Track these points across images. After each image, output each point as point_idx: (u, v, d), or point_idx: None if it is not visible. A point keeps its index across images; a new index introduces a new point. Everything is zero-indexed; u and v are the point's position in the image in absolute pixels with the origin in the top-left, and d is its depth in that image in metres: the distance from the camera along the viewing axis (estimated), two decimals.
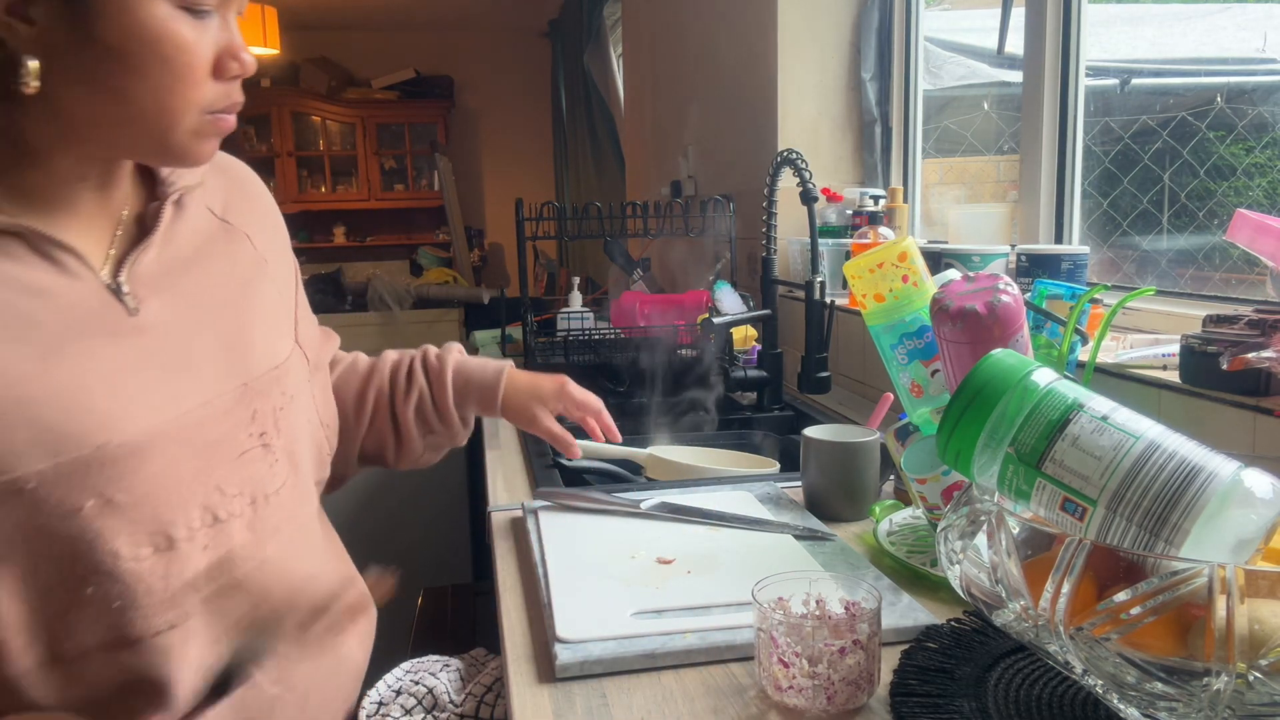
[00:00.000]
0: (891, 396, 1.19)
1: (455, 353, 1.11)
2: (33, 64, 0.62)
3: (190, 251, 0.78)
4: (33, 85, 0.63)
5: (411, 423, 1.07)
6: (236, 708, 0.75)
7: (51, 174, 0.69)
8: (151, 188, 0.78)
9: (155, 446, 0.69)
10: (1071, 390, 0.65)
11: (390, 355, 1.10)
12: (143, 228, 0.75)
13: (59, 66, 0.64)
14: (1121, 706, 0.58)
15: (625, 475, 1.40)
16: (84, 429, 0.65)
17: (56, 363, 0.66)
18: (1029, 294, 1.07)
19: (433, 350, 1.10)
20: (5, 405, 0.63)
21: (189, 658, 0.72)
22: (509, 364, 1.11)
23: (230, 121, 0.72)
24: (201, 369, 0.75)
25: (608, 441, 1.17)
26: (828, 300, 1.53)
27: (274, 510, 0.79)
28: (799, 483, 1.17)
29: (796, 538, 1.00)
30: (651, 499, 1.11)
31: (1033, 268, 1.37)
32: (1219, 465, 0.58)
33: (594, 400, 1.15)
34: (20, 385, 0.64)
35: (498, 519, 1.15)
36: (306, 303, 0.96)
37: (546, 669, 0.77)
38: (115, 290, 0.71)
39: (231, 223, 0.84)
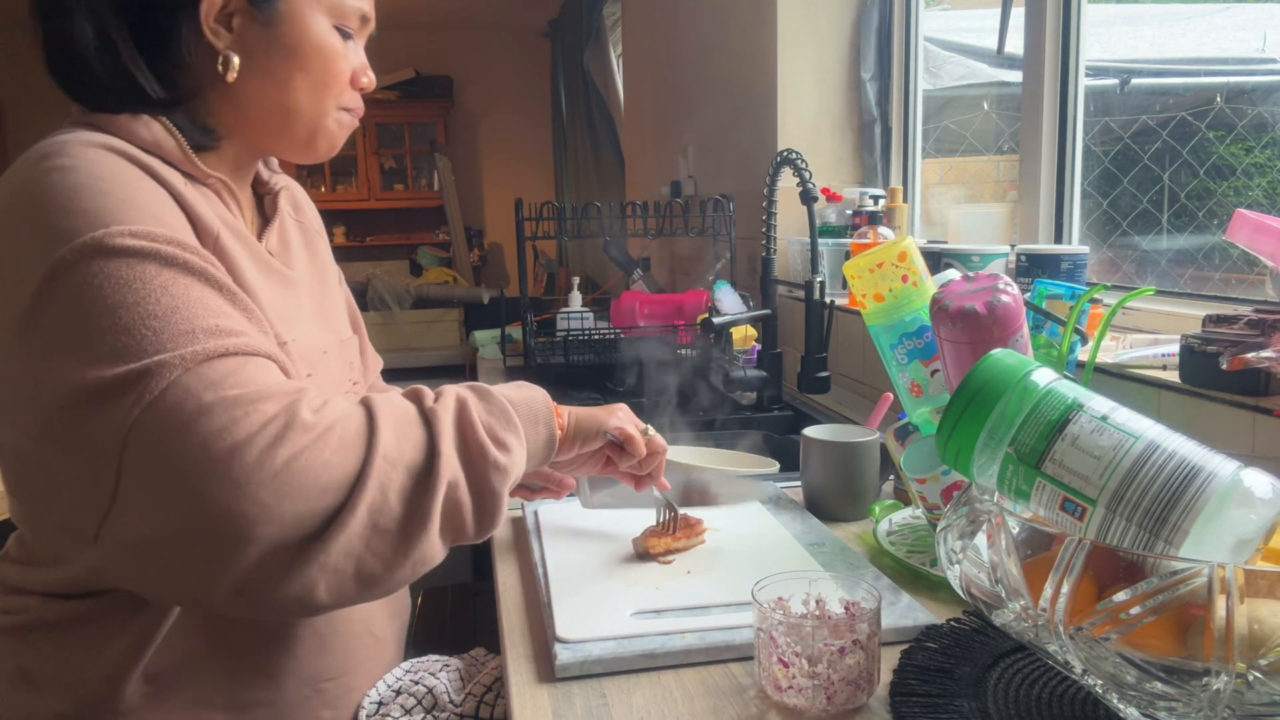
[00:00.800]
0: (891, 396, 1.19)
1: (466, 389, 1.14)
2: (235, 59, 0.81)
3: (290, 236, 0.97)
4: (233, 75, 0.81)
5: None
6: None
7: (222, 159, 0.87)
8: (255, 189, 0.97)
9: (319, 359, 0.90)
10: (1071, 390, 0.65)
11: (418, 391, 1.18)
12: (262, 214, 0.95)
13: (247, 65, 0.82)
14: (1121, 706, 0.58)
15: None
16: (292, 327, 0.86)
17: (266, 275, 0.86)
18: (1029, 294, 1.07)
19: (448, 389, 1.15)
20: (258, 285, 0.82)
21: None
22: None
23: (355, 122, 0.91)
24: (321, 321, 0.95)
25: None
26: (827, 300, 1.53)
27: None
28: (799, 483, 1.17)
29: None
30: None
31: (1032, 267, 1.37)
32: (1218, 465, 0.58)
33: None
34: (259, 281, 0.83)
35: None
36: (357, 313, 1.12)
37: (546, 669, 0.77)
38: (269, 254, 0.89)
39: (304, 223, 1.03)
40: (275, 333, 0.81)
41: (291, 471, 0.62)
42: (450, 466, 0.69)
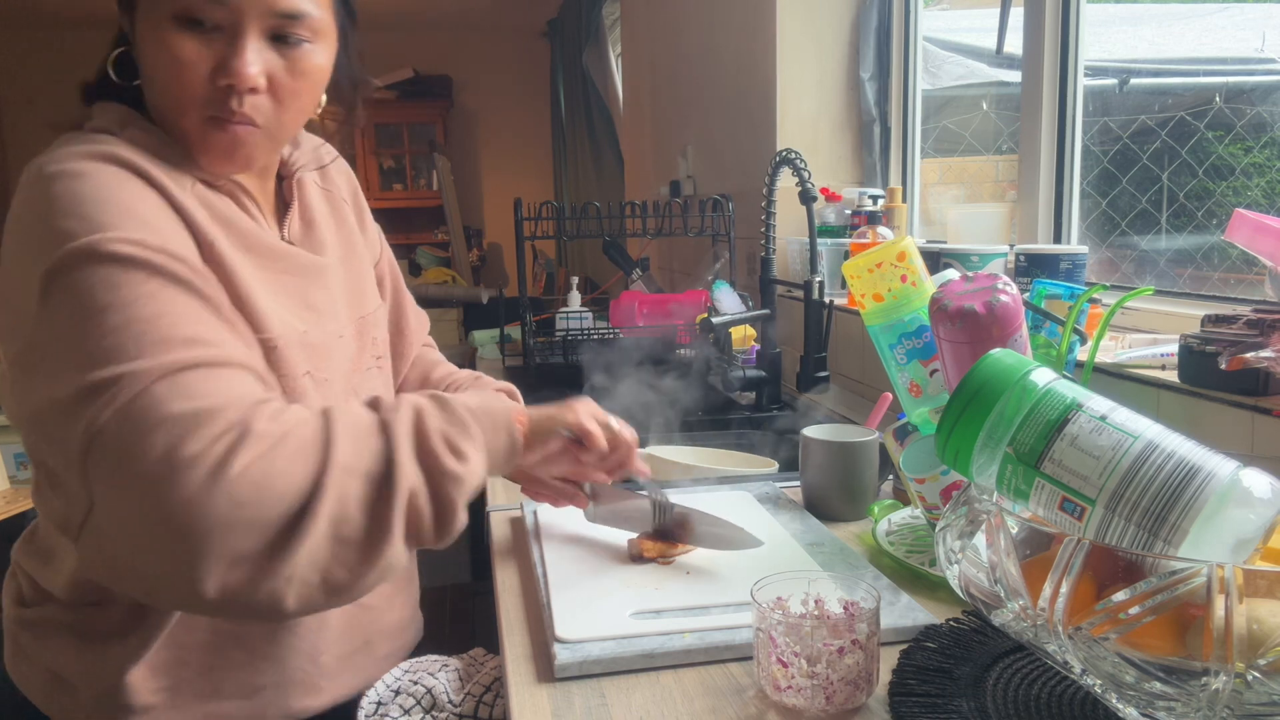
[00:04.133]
0: (890, 396, 1.19)
1: (490, 381, 1.15)
2: (114, 53, 0.83)
3: (315, 214, 0.97)
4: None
5: None
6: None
7: None
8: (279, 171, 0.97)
9: (334, 343, 0.91)
10: (1070, 390, 0.65)
11: (460, 373, 1.19)
12: (281, 199, 0.95)
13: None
14: (1120, 706, 0.58)
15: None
16: (303, 317, 0.87)
17: (278, 272, 0.86)
18: (1028, 294, 1.07)
19: (487, 380, 1.16)
20: (257, 287, 0.82)
21: None
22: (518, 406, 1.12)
23: (237, 128, 0.80)
24: (344, 300, 0.96)
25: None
26: (826, 300, 1.53)
27: None
28: (798, 482, 1.17)
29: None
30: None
31: (1031, 267, 1.37)
32: (1217, 465, 0.58)
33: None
34: (263, 279, 0.84)
35: (497, 519, 1.15)
36: (399, 272, 1.15)
37: (545, 669, 0.77)
38: (289, 243, 0.91)
39: (332, 192, 1.03)
40: (279, 333, 0.83)
41: (247, 479, 0.63)
42: (408, 475, 0.69)
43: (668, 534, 0.98)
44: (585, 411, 0.93)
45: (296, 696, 0.90)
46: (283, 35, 0.79)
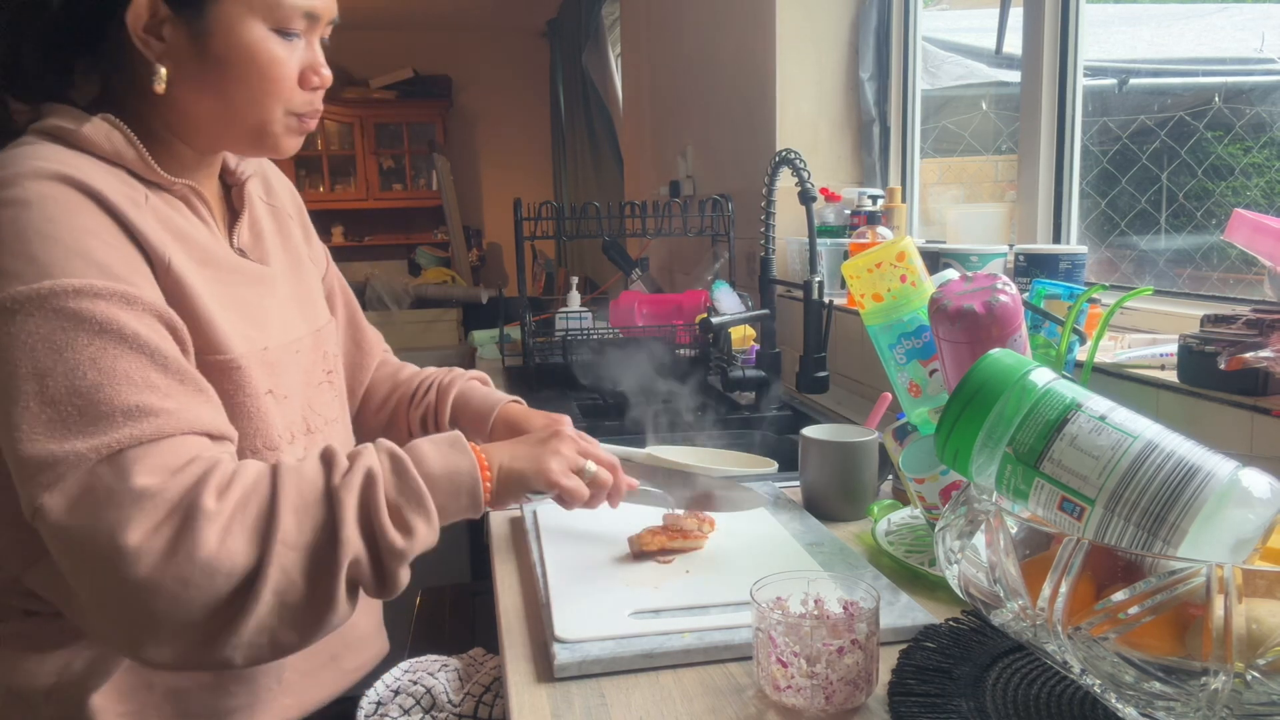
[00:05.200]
0: (890, 396, 1.19)
1: (471, 379, 1.15)
2: (162, 70, 0.80)
3: (262, 225, 0.96)
4: (160, 87, 0.80)
5: (416, 431, 1.13)
6: None
7: (176, 159, 0.85)
8: (223, 179, 0.95)
9: (290, 359, 0.90)
10: (1069, 390, 0.65)
11: (427, 369, 1.19)
12: (230, 206, 0.94)
13: (181, 74, 0.80)
14: (1119, 706, 0.58)
15: None
16: (261, 332, 0.86)
17: (225, 285, 0.84)
18: (1027, 294, 1.07)
19: (459, 371, 1.17)
20: (215, 305, 0.81)
21: None
22: (509, 399, 1.12)
23: (312, 123, 0.88)
24: (295, 312, 0.95)
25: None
26: (826, 300, 1.53)
27: (335, 435, 0.99)
28: (797, 482, 1.17)
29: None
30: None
31: (1031, 267, 1.37)
32: (1217, 465, 0.59)
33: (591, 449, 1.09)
34: (220, 295, 0.82)
35: (496, 519, 1.15)
36: (348, 285, 1.14)
37: (545, 669, 0.77)
38: (240, 252, 0.91)
39: (276, 206, 1.02)
40: (241, 352, 0.82)
41: (194, 561, 0.65)
42: (352, 547, 0.70)
43: (695, 504, 1.03)
44: (559, 467, 0.87)
45: (265, 715, 0.89)
46: (324, 39, 0.88)
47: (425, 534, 0.75)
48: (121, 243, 0.74)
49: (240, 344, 0.82)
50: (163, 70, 0.79)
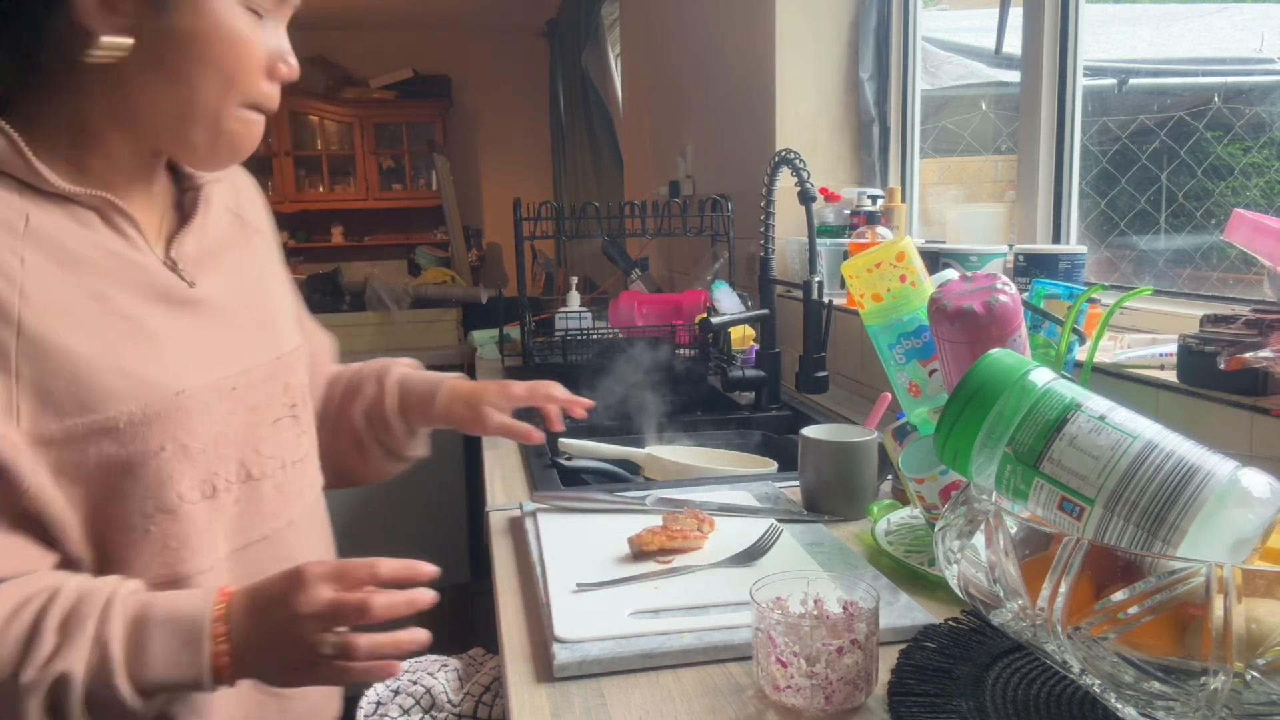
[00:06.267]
0: (889, 396, 1.19)
1: (405, 365, 1.13)
2: (125, 41, 0.69)
3: (219, 239, 0.86)
4: (99, 56, 0.69)
5: (361, 427, 1.08)
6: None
7: (108, 159, 0.75)
8: (179, 183, 0.85)
9: (219, 401, 0.77)
10: (1069, 390, 0.65)
11: (354, 365, 1.13)
12: (180, 214, 0.83)
13: (135, 52, 0.70)
14: (1119, 706, 0.58)
15: (623, 475, 1.40)
16: (163, 378, 0.73)
17: (135, 320, 0.73)
18: (1026, 294, 1.07)
19: (390, 361, 1.13)
20: (94, 351, 0.70)
21: None
22: (453, 375, 1.11)
23: (259, 129, 0.78)
24: (245, 339, 0.83)
25: (568, 418, 1.14)
26: (826, 300, 1.53)
27: (299, 476, 0.88)
28: (797, 482, 1.17)
29: (781, 520, 1.00)
30: (650, 498, 1.11)
31: (1030, 267, 1.37)
32: (1216, 465, 0.59)
33: (541, 385, 1.12)
34: (106, 336, 0.71)
35: (496, 519, 1.15)
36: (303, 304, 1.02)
37: (544, 669, 0.77)
38: (172, 266, 0.79)
39: (244, 218, 0.92)
40: (125, 409, 0.71)
41: None
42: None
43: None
44: (502, 405, 0.92)
45: None
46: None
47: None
48: None
49: (124, 397, 0.71)
50: (124, 40, 0.69)
